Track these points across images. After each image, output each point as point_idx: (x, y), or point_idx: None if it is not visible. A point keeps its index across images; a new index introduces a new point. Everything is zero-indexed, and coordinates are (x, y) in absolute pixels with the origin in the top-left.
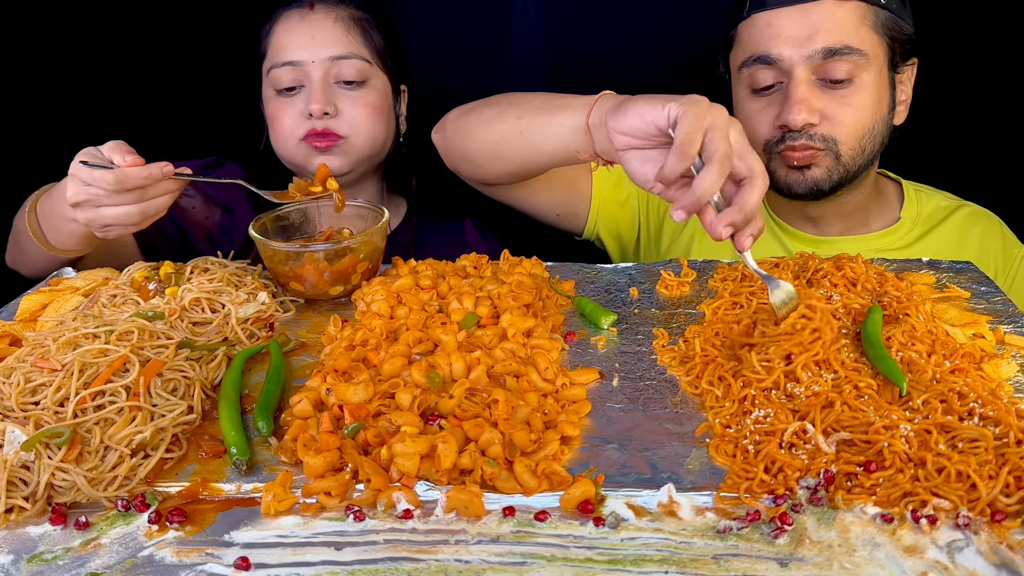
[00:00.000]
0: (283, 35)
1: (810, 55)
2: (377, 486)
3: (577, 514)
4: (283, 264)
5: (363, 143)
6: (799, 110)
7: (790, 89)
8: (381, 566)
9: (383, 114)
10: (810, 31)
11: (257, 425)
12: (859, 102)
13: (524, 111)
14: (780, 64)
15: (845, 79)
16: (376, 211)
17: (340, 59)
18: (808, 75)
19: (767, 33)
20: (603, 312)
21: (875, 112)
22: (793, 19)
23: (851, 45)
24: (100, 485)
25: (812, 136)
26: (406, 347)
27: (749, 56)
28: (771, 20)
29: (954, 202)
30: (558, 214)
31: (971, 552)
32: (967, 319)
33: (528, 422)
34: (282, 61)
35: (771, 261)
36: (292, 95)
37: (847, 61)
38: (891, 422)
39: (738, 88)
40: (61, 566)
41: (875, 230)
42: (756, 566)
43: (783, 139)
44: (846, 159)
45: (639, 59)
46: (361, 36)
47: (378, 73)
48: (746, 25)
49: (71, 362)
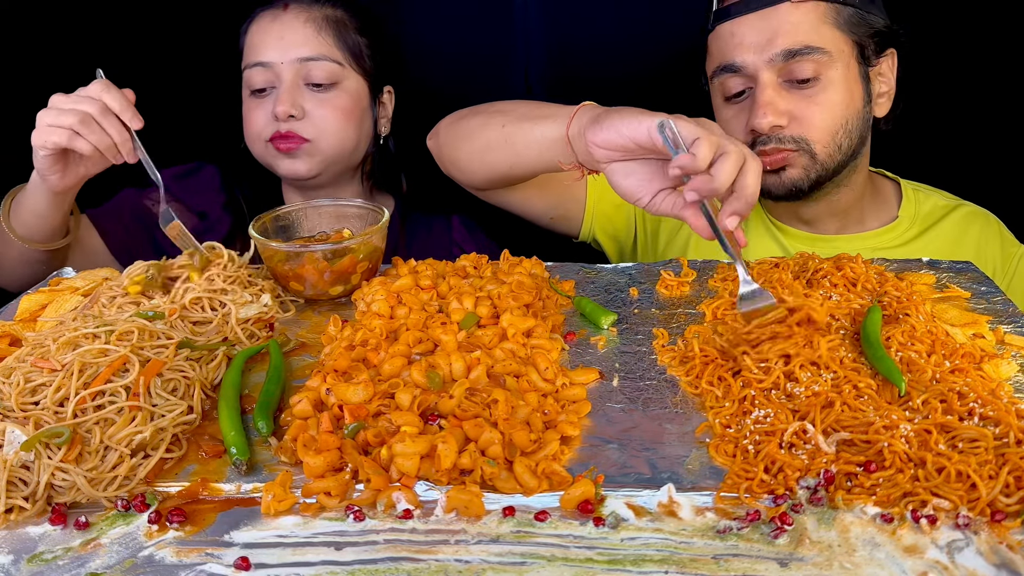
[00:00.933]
0: (256, 35)
1: (771, 58)
2: (377, 486)
3: (577, 514)
4: (283, 264)
5: (329, 147)
6: (764, 113)
7: (756, 94)
8: (381, 566)
9: (354, 117)
10: (769, 35)
11: (257, 425)
12: (827, 99)
13: (509, 119)
14: (745, 70)
15: (811, 78)
16: (376, 211)
17: (309, 60)
18: (773, 78)
19: (731, 42)
20: (603, 312)
21: (846, 108)
22: (753, 26)
23: (811, 44)
24: (100, 485)
25: (781, 139)
26: (406, 347)
27: (717, 66)
28: (733, 29)
29: (952, 201)
30: (552, 217)
31: (971, 552)
32: (967, 319)
33: (528, 422)
34: (254, 62)
35: (771, 261)
36: (264, 96)
37: (809, 60)
38: (891, 422)
39: (715, 97)
40: (61, 566)
41: (872, 228)
42: (756, 566)
43: (754, 144)
44: (822, 157)
45: (639, 58)
46: (334, 37)
47: (351, 75)
48: (713, 37)
49: (71, 362)
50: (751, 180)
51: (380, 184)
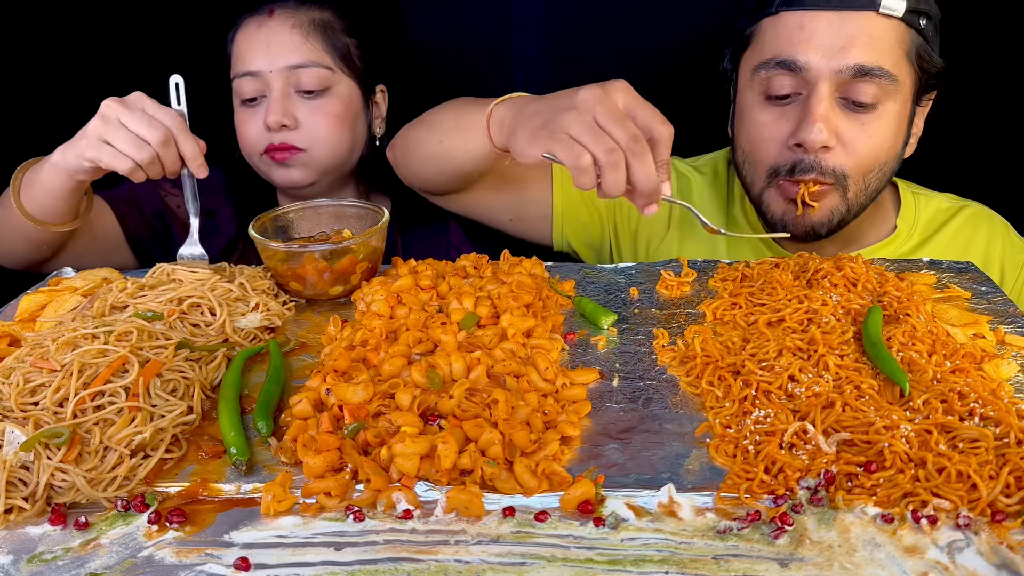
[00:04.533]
0: (243, 44)
1: (840, 69)
2: (377, 486)
3: (577, 514)
4: (282, 264)
5: (324, 155)
6: (820, 129)
7: (811, 103)
8: (381, 566)
9: (347, 122)
10: (844, 42)
11: (257, 425)
12: (878, 131)
13: (443, 132)
14: (805, 73)
15: (869, 103)
16: (376, 211)
17: (298, 68)
18: (832, 91)
19: (797, 36)
20: (603, 312)
21: (892, 146)
22: (831, 24)
23: (884, 67)
24: (100, 485)
25: (823, 170)
26: (406, 347)
27: (770, 58)
28: (803, 22)
29: (956, 203)
30: (511, 219)
31: (971, 552)
32: (968, 319)
33: (528, 422)
34: (242, 71)
35: (771, 261)
36: (255, 105)
37: (876, 84)
38: (891, 422)
39: (748, 92)
40: (61, 566)
41: (870, 244)
42: (756, 566)
43: (793, 169)
44: (851, 196)
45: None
46: (323, 42)
47: (342, 79)
48: (772, 22)
49: (70, 362)
50: (640, 175)
51: (375, 187)
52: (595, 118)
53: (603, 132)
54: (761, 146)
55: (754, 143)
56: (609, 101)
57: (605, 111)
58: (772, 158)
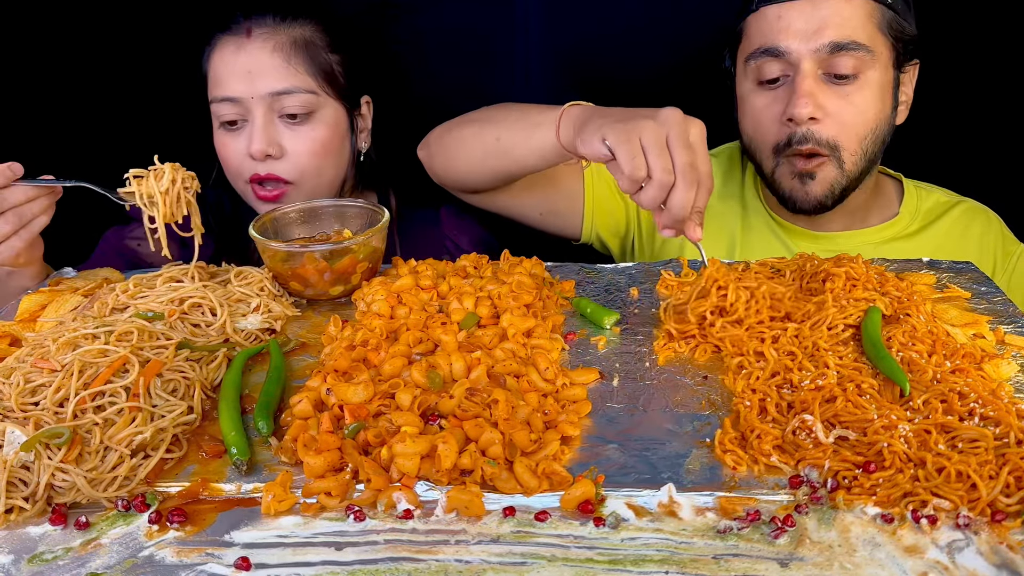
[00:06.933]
0: (220, 66)
1: (817, 48)
2: (377, 486)
3: (577, 514)
4: (283, 264)
5: (312, 187)
6: (805, 103)
7: (796, 82)
8: (381, 566)
9: (333, 149)
10: (818, 25)
11: (257, 425)
12: (862, 99)
13: (502, 129)
14: (788, 57)
15: (850, 75)
16: (376, 211)
17: (281, 94)
18: (814, 69)
19: (776, 26)
20: (605, 312)
21: (878, 112)
22: (802, 12)
23: (858, 40)
24: (100, 485)
25: (818, 140)
26: (406, 347)
27: (757, 48)
28: (781, 13)
29: (953, 198)
30: (541, 213)
31: (971, 552)
32: (967, 319)
33: (528, 422)
34: (221, 96)
35: (771, 264)
36: (236, 129)
37: (853, 56)
38: (891, 422)
39: (744, 82)
40: (61, 566)
41: (874, 224)
42: (756, 566)
43: (789, 142)
44: (849, 166)
45: (641, 51)
46: (305, 63)
47: (328, 102)
48: (755, 18)
49: (71, 362)
50: (678, 201)
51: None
52: (668, 135)
53: (668, 152)
54: (761, 127)
55: (755, 125)
56: (685, 128)
57: (679, 134)
58: (772, 136)
